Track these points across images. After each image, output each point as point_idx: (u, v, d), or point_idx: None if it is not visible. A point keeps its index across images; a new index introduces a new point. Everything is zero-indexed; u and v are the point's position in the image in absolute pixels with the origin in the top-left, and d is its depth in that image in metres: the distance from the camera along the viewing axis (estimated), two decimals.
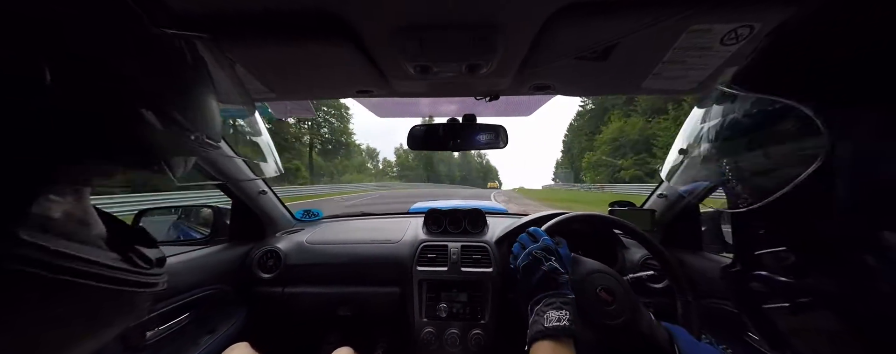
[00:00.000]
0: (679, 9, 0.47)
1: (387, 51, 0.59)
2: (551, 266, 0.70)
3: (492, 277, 1.20)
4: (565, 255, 0.76)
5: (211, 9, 0.48)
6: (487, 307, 1.18)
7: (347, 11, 0.49)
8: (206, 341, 1.07)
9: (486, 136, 1.06)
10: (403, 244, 1.34)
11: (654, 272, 1.04)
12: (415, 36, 0.54)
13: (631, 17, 0.49)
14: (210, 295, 1.12)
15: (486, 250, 1.26)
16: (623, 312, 0.79)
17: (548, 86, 0.80)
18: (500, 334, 1.18)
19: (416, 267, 1.24)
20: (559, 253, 0.74)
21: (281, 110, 1.12)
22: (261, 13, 0.49)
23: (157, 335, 0.90)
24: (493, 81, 0.75)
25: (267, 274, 1.29)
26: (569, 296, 0.67)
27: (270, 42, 0.56)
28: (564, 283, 0.69)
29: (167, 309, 0.94)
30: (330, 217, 1.78)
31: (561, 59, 0.63)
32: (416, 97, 0.95)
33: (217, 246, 1.28)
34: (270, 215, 1.44)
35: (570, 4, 0.47)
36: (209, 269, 1.14)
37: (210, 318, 1.14)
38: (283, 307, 1.31)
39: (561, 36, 0.55)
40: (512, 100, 0.99)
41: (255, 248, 1.33)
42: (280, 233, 1.47)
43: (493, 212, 1.67)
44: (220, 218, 1.40)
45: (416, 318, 1.20)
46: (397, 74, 0.69)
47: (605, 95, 0.87)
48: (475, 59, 0.61)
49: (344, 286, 1.31)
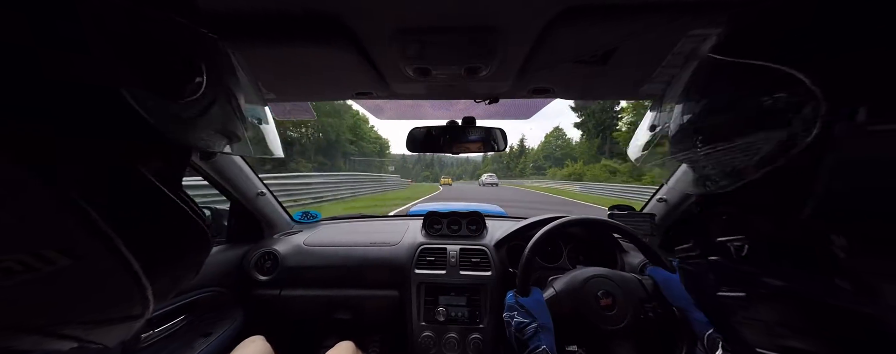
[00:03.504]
0: (677, 14, 0.47)
1: (386, 53, 0.59)
2: (517, 323, 0.75)
3: (491, 280, 1.20)
4: (531, 301, 0.79)
5: (209, 10, 0.48)
6: (486, 310, 1.18)
7: (347, 13, 0.49)
8: (202, 344, 1.06)
9: (485, 139, 1.06)
10: (402, 246, 1.34)
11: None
12: (414, 38, 0.54)
13: (630, 22, 0.49)
14: (207, 296, 1.11)
15: (485, 253, 1.26)
16: (625, 316, 0.79)
17: (547, 90, 0.81)
18: (499, 338, 1.17)
19: (415, 270, 1.24)
20: (521, 305, 0.78)
21: (280, 112, 1.12)
22: (260, 15, 0.49)
23: (153, 337, 0.89)
24: (493, 84, 0.75)
25: (264, 276, 1.28)
26: (540, 349, 0.70)
27: (270, 44, 0.56)
28: (532, 335, 0.73)
29: (163, 312, 0.93)
30: (328, 218, 1.77)
31: (560, 63, 0.63)
32: (415, 99, 0.95)
33: (214, 247, 1.27)
34: (268, 216, 1.44)
35: (570, 8, 0.47)
36: (206, 271, 1.13)
37: (207, 321, 1.13)
38: (281, 309, 1.30)
39: (560, 40, 0.55)
40: (511, 102, 0.99)
41: (253, 250, 1.33)
42: (278, 235, 1.46)
43: (493, 215, 1.66)
44: (218, 220, 1.39)
45: (415, 322, 1.19)
46: (396, 77, 0.69)
47: (604, 100, 0.87)
48: (474, 62, 0.61)
49: (342, 288, 1.30)
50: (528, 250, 0.87)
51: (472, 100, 0.91)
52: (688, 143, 0.32)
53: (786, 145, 0.24)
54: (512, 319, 0.76)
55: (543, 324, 0.73)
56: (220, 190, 1.25)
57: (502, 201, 9.62)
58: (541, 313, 0.75)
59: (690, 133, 0.33)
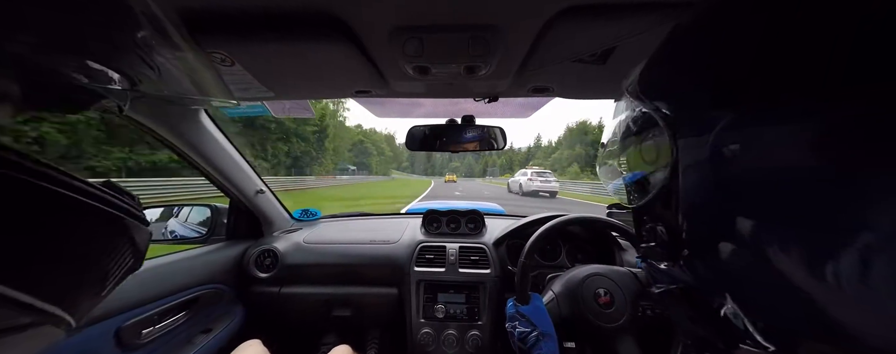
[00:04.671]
0: (676, 13, 0.47)
1: (385, 51, 0.59)
2: (519, 333, 0.76)
3: (490, 278, 1.20)
4: (530, 309, 0.79)
5: (209, 8, 0.48)
6: (485, 308, 1.18)
7: (346, 11, 0.49)
8: (203, 341, 1.06)
9: (485, 137, 1.06)
10: (401, 244, 1.34)
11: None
12: (414, 37, 0.54)
13: (629, 21, 0.49)
14: (206, 293, 1.11)
15: (484, 251, 1.26)
16: (624, 312, 0.79)
17: (547, 89, 0.81)
18: (498, 335, 1.18)
19: (414, 268, 1.24)
20: (521, 314, 0.79)
21: (279, 109, 1.12)
22: (260, 12, 0.49)
23: (153, 334, 0.90)
24: (492, 83, 0.75)
25: (264, 273, 1.29)
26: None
27: (269, 41, 0.56)
28: (534, 344, 0.73)
29: (163, 308, 0.93)
30: (328, 216, 1.78)
31: (559, 62, 0.63)
32: (415, 98, 0.95)
33: (214, 244, 1.28)
34: (268, 214, 1.44)
35: (569, 7, 0.47)
36: (206, 268, 1.13)
37: (206, 318, 1.13)
38: (280, 307, 1.30)
39: (559, 39, 0.55)
40: (511, 101, 0.99)
41: (252, 247, 1.33)
42: (278, 233, 1.47)
43: (492, 213, 1.67)
44: (218, 217, 1.39)
45: (414, 319, 1.20)
46: (396, 75, 0.69)
47: (603, 99, 0.87)
48: (474, 61, 0.61)
49: (341, 286, 1.31)
50: (523, 257, 0.87)
51: (471, 99, 0.91)
52: (616, 162, 0.37)
53: (656, 168, 0.30)
54: (514, 329, 0.77)
55: (545, 332, 0.74)
56: (219, 187, 1.25)
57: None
58: (541, 320, 0.76)
59: (614, 153, 0.38)
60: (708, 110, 0.24)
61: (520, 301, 0.82)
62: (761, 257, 0.21)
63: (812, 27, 0.18)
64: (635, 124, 0.33)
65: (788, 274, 0.20)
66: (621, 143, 0.36)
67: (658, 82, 0.31)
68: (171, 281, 0.98)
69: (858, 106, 0.16)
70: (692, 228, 0.28)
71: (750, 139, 0.21)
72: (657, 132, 0.29)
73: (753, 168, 0.21)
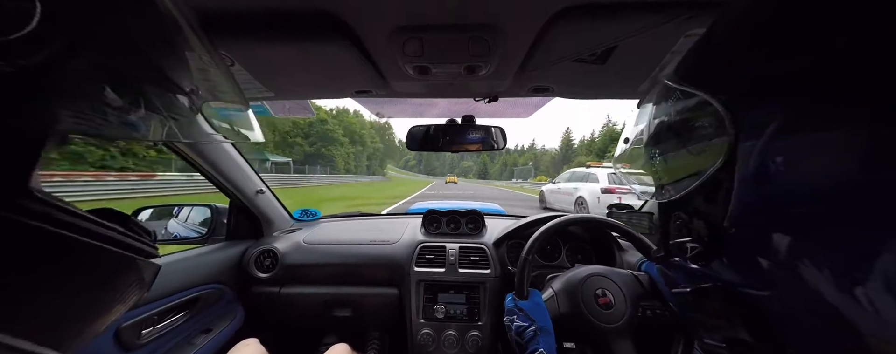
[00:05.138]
0: (676, 13, 0.47)
1: (385, 51, 0.59)
2: (516, 327, 0.76)
3: (489, 278, 1.20)
4: (529, 304, 0.80)
5: (209, 7, 0.48)
6: (485, 308, 1.18)
7: (346, 11, 0.49)
8: (202, 341, 1.06)
9: (485, 138, 1.06)
10: (401, 244, 1.34)
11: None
12: (414, 37, 0.54)
13: (629, 21, 0.49)
14: (206, 294, 1.11)
15: (484, 251, 1.26)
16: (623, 314, 0.79)
17: (547, 88, 0.81)
18: (498, 335, 1.18)
19: (414, 268, 1.24)
20: (520, 308, 0.79)
21: (279, 109, 1.12)
22: (260, 12, 0.49)
23: (152, 334, 0.90)
24: (493, 83, 0.75)
25: (264, 273, 1.29)
26: (538, 352, 0.71)
27: (269, 41, 0.56)
28: (531, 338, 0.73)
29: (162, 308, 0.93)
30: (328, 216, 1.78)
31: (559, 62, 0.63)
32: (415, 98, 0.95)
33: (214, 245, 1.27)
34: (268, 214, 1.44)
35: (569, 7, 0.47)
36: (206, 268, 1.13)
37: (206, 318, 1.13)
38: (280, 307, 1.30)
39: (559, 39, 0.55)
40: (511, 101, 0.99)
41: (252, 247, 1.33)
42: (277, 233, 1.47)
43: (492, 214, 1.67)
44: (218, 217, 1.39)
45: (414, 319, 1.19)
46: (396, 75, 0.69)
47: (603, 99, 0.87)
48: (474, 61, 0.61)
49: (341, 286, 1.30)
50: (525, 252, 0.87)
51: (471, 99, 0.91)
52: (648, 156, 0.37)
53: (705, 162, 0.28)
54: (512, 323, 0.77)
55: (542, 327, 0.74)
56: (219, 187, 1.25)
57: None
58: (539, 315, 0.76)
59: (650, 147, 0.37)
60: (775, 99, 0.23)
61: (519, 296, 0.82)
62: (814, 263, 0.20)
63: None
64: (679, 115, 0.31)
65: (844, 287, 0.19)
66: (656, 136, 0.35)
67: (714, 71, 0.30)
68: (171, 281, 0.98)
69: None
70: (748, 221, 0.26)
71: (818, 140, 0.20)
72: (709, 123, 0.27)
73: (823, 170, 0.20)
